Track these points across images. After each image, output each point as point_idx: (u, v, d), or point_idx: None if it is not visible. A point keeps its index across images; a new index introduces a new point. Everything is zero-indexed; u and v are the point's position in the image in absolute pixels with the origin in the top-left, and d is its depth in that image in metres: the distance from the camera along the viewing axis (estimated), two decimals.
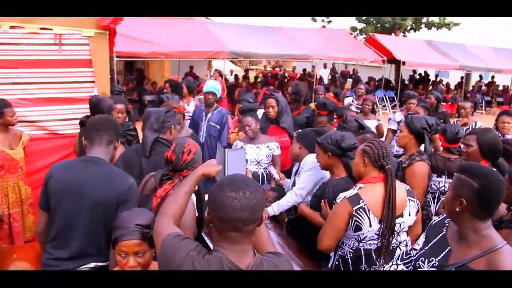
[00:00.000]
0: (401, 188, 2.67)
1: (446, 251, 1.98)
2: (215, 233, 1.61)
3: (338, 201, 2.63)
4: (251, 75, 19.54)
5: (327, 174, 3.33)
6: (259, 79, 17.07)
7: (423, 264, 2.06)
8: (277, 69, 22.32)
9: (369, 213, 2.55)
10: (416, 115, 4.22)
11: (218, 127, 5.26)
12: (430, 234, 2.15)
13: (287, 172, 4.22)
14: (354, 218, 2.56)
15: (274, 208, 3.52)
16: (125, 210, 2.30)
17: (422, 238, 2.25)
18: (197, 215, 2.60)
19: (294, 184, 3.65)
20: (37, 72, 4.48)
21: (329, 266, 2.84)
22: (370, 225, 2.56)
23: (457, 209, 1.86)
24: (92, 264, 2.43)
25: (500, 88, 20.49)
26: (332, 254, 2.84)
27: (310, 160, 3.44)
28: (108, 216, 2.36)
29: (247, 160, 4.21)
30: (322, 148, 3.11)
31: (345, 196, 2.60)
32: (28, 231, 4.17)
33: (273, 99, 4.87)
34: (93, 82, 4.75)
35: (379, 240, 2.59)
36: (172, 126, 3.18)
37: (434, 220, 2.23)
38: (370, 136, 3.75)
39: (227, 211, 1.51)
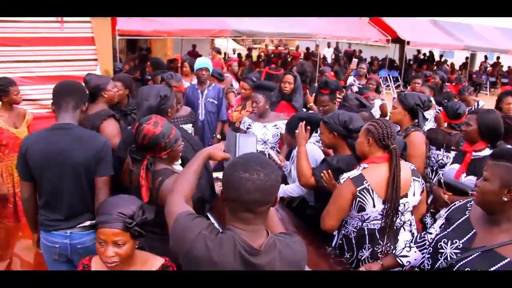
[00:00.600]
0: (405, 168, 2.66)
1: (471, 234, 1.94)
2: (228, 212, 1.60)
3: (341, 181, 2.62)
4: (254, 54, 19.37)
5: (321, 156, 3.34)
6: (261, 58, 16.92)
7: (445, 246, 2.02)
8: (280, 47, 22.11)
9: (373, 193, 2.55)
10: (409, 92, 4.27)
11: (216, 102, 5.26)
12: (451, 216, 2.11)
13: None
14: (358, 198, 2.55)
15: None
16: (103, 165, 2.60)
17: (439, 222, 2.22)
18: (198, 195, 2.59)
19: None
20: (39, 50, 4.46)
21: (333, 245, 2.85)
22: (374, 206, 2.56)
23: (505, 199, 1.79)
24: (87, 223, 2.62)
25: (505, 69, 20.29)
26: (335, 233, 2.85)
27: None
28: (89, 175, 2.60)
29: None
30: (328, 127, 3.07)
31: (348, 177, 2.59)
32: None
33: (291, 75, 4.88)
34: (95, 60, 4.72)
35: (383, 220, 2.59)
36: (169, 109, 3.01)
37: (455, 203, 2.20)
38: (366, 114, 3.74)
39: (240, 192, 1.49)
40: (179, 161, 2.64)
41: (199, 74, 5.27)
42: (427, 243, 2.28)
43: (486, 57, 20.43)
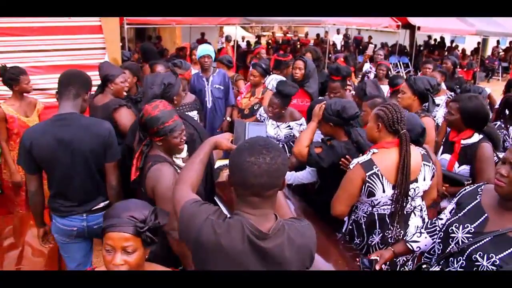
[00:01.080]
0: (416, 153, 2.63)
1: (482, 218, 1.94)
2: (235, 197, 1.60)
3: (351, 166, 2.61)
4: (263, 41, 19.26)
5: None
6: (270, 46, 16.82)
7: (457, 230, 2.02)
8: (289, 34, 21.95)
9: (382, 178, 2.53)
10: (418, 76, 4.22)
11: (222, 88, 5.27)
12: (462, 201, 2.11)
13: None
14: (367, 183, 2.54)
15: (288, 177, 3.52)
16: (111, 151, 2.69)
17: (449, 208, 2.23)
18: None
19: None
20: (47, 39, 4.46)
21: (343, 230, 2.85)
22: (384, 191, 2.54)
23: None
24: (101, 204, 2.77)
25: None
26: (346, 219, 2.84)
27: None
28: (98, 161, 2.67)
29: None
30: (323, 118, 3.10)
31: (358, 162, 2.57)
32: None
33: (301, 61, 4.85)
34: (103, 48, 4.72)
35: (393, 206, 2.58)
36: (174, 97, 3.02)
37: (466, 188, 2.18)
38: (379, 100, 3.72)
39: (247, 177, 1.49)
40: (182, 155, 2.61)
41: (201, 61, 5.28)
42: (438, 229, 2.28)
43: (498, 42, 20.08)
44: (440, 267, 2.10)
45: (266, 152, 1.50)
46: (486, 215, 1.94)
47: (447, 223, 2.10)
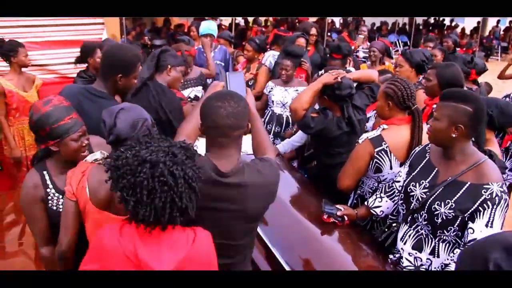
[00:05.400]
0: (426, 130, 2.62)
1: (434, 172, 2.15)
2: (207, 140, 1.80)
3: (360, 141, 2.60)
4: (262, 18, 19.03)
5: None
6: (269, 22, 16.65)
7: (414, 188, 2.18)
8: None
9: (390, 155, 2.52)
10: (412, 49, 4.28)
11: (223, 64, 5.28)
12: (414, 162, 2.29)
13: None
14: (375, 159, 2.54)
15: (285, 146, 3.62)
16: None
17: (404, 170, 2.35)
18: None
19: None
20: None
21: (348, 205, 2.83)
22: (391, 168, 2.54)
23: (454, 135, 2.00)
24: None
25: None
26: (352, 194, 2.85)
27: None
28: None
29: (273, 101, 4.35)
30: (321, 91, 2.98)
31: (367, 137, 2.56)
32: None
33: (304, 38, 4.90)
34: (102, 23, 4.65)
35: None
36: (169, 66, 3.01)
37: (415, 150, 2.36)
38: (389, 75, 3.75)
39: (215, 118, 1.70)
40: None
41: (203, 39, 5.23)
42: (396, 191, 2.39)
43: (498, 21, 19.88)
44: (408, 224, 2.23)
45: (230, 98, 1.74)
46: (436, 169, 2.15)
47: (404, 184, 2.26)
